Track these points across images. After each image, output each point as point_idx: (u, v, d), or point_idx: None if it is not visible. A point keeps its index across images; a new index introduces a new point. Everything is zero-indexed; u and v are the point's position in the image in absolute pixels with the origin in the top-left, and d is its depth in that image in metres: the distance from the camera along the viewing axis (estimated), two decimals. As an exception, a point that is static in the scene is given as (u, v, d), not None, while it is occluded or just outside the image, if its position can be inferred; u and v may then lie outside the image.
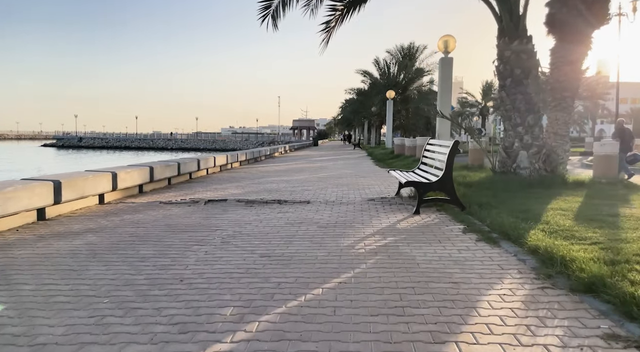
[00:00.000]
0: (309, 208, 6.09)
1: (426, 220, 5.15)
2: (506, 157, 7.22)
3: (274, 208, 6.12)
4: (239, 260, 3.60)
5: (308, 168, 13.94)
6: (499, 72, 7.36)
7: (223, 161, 12.65)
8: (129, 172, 7.09)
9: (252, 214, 5.65)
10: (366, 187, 8.57)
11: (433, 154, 6.41)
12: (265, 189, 8.36)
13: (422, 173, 6.50)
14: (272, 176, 11.33)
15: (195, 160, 10.33)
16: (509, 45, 7.10)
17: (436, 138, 11.38)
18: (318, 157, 21.90)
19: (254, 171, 12.71)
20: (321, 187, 8.70)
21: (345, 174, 11.79)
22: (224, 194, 7.62)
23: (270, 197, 7.23)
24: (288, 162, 17.08)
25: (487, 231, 4.42)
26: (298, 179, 10.46)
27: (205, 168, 11.15)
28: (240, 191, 8.20)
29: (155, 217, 5.43)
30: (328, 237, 4.39)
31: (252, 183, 9.53)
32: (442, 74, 11.13)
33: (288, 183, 9.47)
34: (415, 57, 36.55)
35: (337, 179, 10.23)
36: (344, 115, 62.85)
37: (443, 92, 11.13)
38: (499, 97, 7.42)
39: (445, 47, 11.00)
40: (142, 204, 6.47)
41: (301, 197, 7.26)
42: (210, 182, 9.64)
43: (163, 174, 8.47)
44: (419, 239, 4.25)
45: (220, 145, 77.61)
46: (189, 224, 5.06)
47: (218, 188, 8.62)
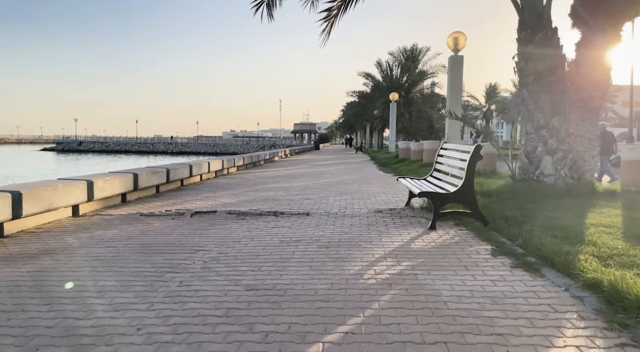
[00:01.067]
0: (309, 222, 5.36)
1: (445, 238, 4.41)
2: (528, 163, 6.48)
3: (268, 222, 5.39)
4: (219, 295, 2.87)
5: (308, 173, 13.22)
6: (520, 69, 6.64)
7: (218, 166, 11.94)
8: (109, 180, 6.37)
9: (243, 230, 4.92)
10: (372, 196, 7.84)
11: (449, 160, 5.68)
12: (261, 198, 7.64)
13: (436, 181, 5.76)
14: (270, 182, 10.61)
15: (186, 166, 9.62)
16: (531, 38, 6.39)
17: (445, 140, 10.67)
18: (319, 161, 21.18)
19: (251, 177, 12.00)
20: (322, 195, 7.97)
21: (348, 180, 11.06)
22: (214, 204, 6.90)
23: (266, 207, 6.51)
24: (288, 167, 16.36)
25: (521, 253, 3.68)
26: (297, 185, 9.75)
27: (198, 174, 10.44)
28: (233, 200, 7.48)
29: (131, 234, 4.70)
30: (330, 261, 3.65)
31: (247, 191, 8.80)
32: (452, 72, 10.42)
33: (286, 191, 8.75)
34: (418, 59, 35.89)
35: (340, 186, 9.51)
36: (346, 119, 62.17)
37: (453, 92, 10.42)
38: (520, 96, 6.69)
39: (455, 44, 10.30)
40: (121, 216, 5.75)
41: (300, 207, 6.53)
42: (202, 190, 8.93)
43: (149, 181, 7.75)
44: (441, 264, 3.51)
45: (221, 149, 77.08)
46: (168, 242, 4.33)
47: (210, 197, 7.90)
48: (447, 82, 10.55)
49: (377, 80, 38.01)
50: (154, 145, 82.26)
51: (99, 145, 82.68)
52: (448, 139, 10.50)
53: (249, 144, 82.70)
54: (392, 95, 24.94)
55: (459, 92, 10.43)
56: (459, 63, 10.36)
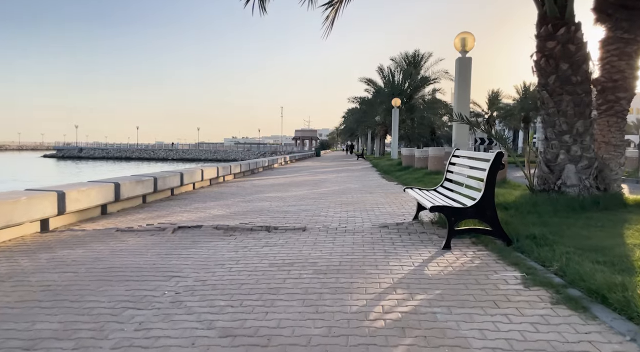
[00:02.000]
0: (305, 238, 4.73)
1: (463, 260, 3.77)
2: (548, 172, 5.85)
3: (259, 238, 4.76)
4: (185, 344, 2.24)
5: (308, 182, 12.60)
6: (540, 68, 6.03)
7: (213, 174, 11.33)
8: (84, 191, 5.75)
9: (229, 249, 4.29)
10: (375, 207, 7.21)
11: (462, 169, 5.05)
12: (255, 209, 7.01)
13: (448, 193, 5.13)
14: (266, 191, 9.99)
15: (177, 174, 9.01)
16: (552, 34, 5.78)
17: (453, 146, 10.05)
18: (320, 168, 20.57)
19: (247, 185, 11.38)
20: (321, 206, 7.34)
21: (350, 189, 10.43)
22: (203, 217, 6.28)
23: (259, 220, 5.88)
24: (287, 175, 15.75)
25: (559, 284, 3.04)
26: (296, 195, 9.12)
27: (190, 182, 9.82)
28: (224, 211, 6.86)
29: (99, 255, 4.08)
30: (328, 292, 3.02)
31: (241, 201, 8.18)
32: (460, 75, 9.82)
33: (283, 201, 8.12)
34: (421, 65, 35.42)
35: (341, 196, 8.88)
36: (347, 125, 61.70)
37: (461, 95, 9.81)
38: (540, 98, 6.07)
39: (463, 45, 9.71)
40: (94, 232, 5.12)
41: (296, 220, 5.91)
42: (193, 200, 8.31)
43: (134, 191, 7.14)
44: (463, 297, 2.87)
45: (222, 156, 76.71)
46: (139, 266, 3.70)
47: (200, 208, 7.27)
48: (454, 85, 9.95)
49: (379, 86, 37.51)
50: (154, 152, 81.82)
51: (99, 152, 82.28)
52: (456, 145, 9.88)
53: (250, 151, 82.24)
54: (395, 100, 24.36)
55: (467, 96, 9.83)
56: (467, 65, 9.77)
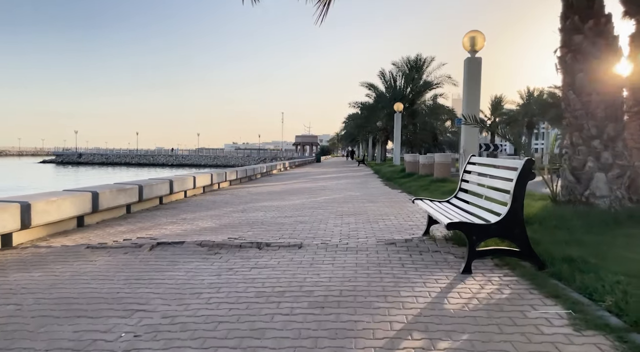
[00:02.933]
0: (300, 258, 4.10)
1: (489, 290, 3.14)
2: (574, 181, 5.22)
3: (248, 258, 4.13)
4: None
5: (307, 189, 11.97)
6: (564, 65, 5.42)
7: (206, 181, 10.71)
8: (54, 202, 5.13)
9: (212, 272, 3.67)
10: (379, 218, 6.57)
11: (481, 178, 4.44)
12: (248, 221, 6.39)
13: (464, 206, 4.51)
14: (262, 199, 9.37)
15: (165, 182, 8.39)
16: (580, 27, 5.18)
17: (461, 153, 9.43)
18: (320, 175, 19.95)
19: (243, 193, 10.76)
20: (320, 217, 6.72)
21: (351, 197, 9.81)
22: (188, 230, 5.65)
23: (250, 234, 5.26)
24: (285, 181, 15.13)
25: (620, 327, 2.40)
26: (293, 204, 8.49)
27: (181, 190, 9.21)
28: (214, 223, 6.23)
29: (57, 280, 3.45)
30: (327, 336, 2.39)
31: (234, 211, 7.55)
32: (469, 76, 9.22)
33: (279, 211, 7.49)
34: (423, 70, 34.87)
35: (342, 205, 8.25)
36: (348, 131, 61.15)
37: (470, 97, 9.20)
38: (564, 99, 5.47)
39: (472, 45, 9.11)
40: (62, 249, 4.50)
41: (292, 234, 5.28)
42: (182, 209, 7.68)
43: (115, 200, 6.52)
44: (500, 347, 2.24)
45: (221, 162, 76.18)
46: (100, 296, 3.08)
47: (187, 219, 6.65)
48: (463, 87, 9.35)
49: (380, 91, 36.98)
50: (154, 158, 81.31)
51: (99, 158, 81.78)
52: (465, 151, 9.26)
53: (250, 157, 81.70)
54: (397, 105, 23.78)
55: (477, 98, 9.22)
56: (476, 66, 9.16)
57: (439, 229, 5.12)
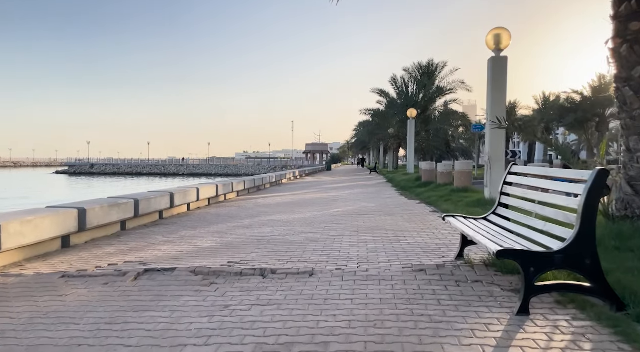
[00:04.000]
0: (311, 290, 3.39)
1: (562, 343, 2.38)
2: (632, 193, 4.44)
3: (249, 290, 3.43)
4: None
5: (318, 200, 11.27)
6: (619, 58, 4.67)
7: (211, 193, 10.08)
8: (31, 222, 4.51)
9: (203, 311, 2.97)
10: (400, 235, 5.84)
11: (529, 192, 3.69)
12: (253, 238, 5.71)
13: (507, 224, 3.76)
14: (271, 212, 8.69)
15: (165, 195, 7.76)
16: (638, 13, 4.46)
17: (486, 160, 8.66)
18: (331, 184, 19.25)
19: (250, 205, 10.10)
20: (334, 234, 6.01)
21: (366, 209, 9.08)
22: (185, 251, 4.99)
23: (255, 256, 4.57)
24: (296, 191, 14.45)
25: None
26: (303, 218, 7.80)
27: (184, 203, 8.58)
28: (214, 242, 5.56)
29: (8, 325, 2.79)
30: None
31: (239, 226, 6.88)
32: (494, 76, 8.49)
33: (288, 226, 6.80)
34: (435, 75, 34.10)
35: (357, 219, 7.53)
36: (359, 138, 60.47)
37: (495, 99, 8.48)
38: (618, 97, 4.71)
39: (497, 43, 8.40)
40: (33, 278, 3.85)
41: (302, 257, 4.58)
42: (183, 225, 7.04)
43: (107, 217, 5.89)
44: None
45: (232, 171, 76.06)
46: (55, 350, 2.40)
47: (186, 237, 5.99)
48: (487, 88, 8.61)
49: (392, 97, 36.24)
50: (165, 168, 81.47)
51: (110, 168, 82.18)
52: (490, 158, 8.49)
53: (261, 165, 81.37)
54: (410, 111, 23.01)
55: (503, 99, 8.47)
56: (502, 65, 8.43)
57: (476, 251, 4.37)
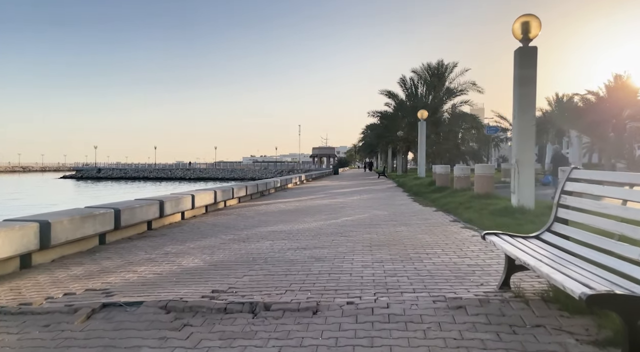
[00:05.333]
0: (315, 338, 2.51)
1: None
2: None
3: (232, 337, 2.56)
4: None
5: (325, 207, 10.39)
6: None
7: (208, 200, 9.24)
8: (-29, 240, 3.68)
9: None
10: (422, 252, 4.94)
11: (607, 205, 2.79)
12: (248, 256, 4.85)
13: (570, 246, 2.86)
14: (272, 221, 7.83)
15: (154, 203, 6.93)
16: None
17: (513, 164, 7.73)
18: (338, 188, 18.35)
19: (251, 213, 9.25)
20: (343, 250, 5.12)
21: (378, 218, 8.18)
22: (163, 274, 4.14)
23: (246, 280, 3.71)
24: (301, 197, 13.59)
25: None
26: (308, 228, 6.93)
27: (176, 212, 7.75)
28: (202, 260, 4.71)
29: None
30: None
31: (234, 239, 6.03)
32: (522, 69, 7.57)
33: (290, 239, 5.94)
34: (445, 77, 33.16)
35: (368, 230, 6.64)
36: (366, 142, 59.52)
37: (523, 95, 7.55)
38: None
39: (525, 32, 7.49)
40: (-41, 315, 3.01)
41: (304, 283, 3.71)
42: (171, 238, 6.21)
43: (78, 231, 5.06)
44: None
45: (238, 175, 75.54)
46: None
47: (171, 253, 5.15)
48: (514, 82, 7.70)
49: (401, 99, 35.34)
50: (172, 172, 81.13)
51: (117, 172, 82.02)
52: (518, 161, 7.56)
53: (267, 169, 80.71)
54: (421, 112, 22.06)
55: (532, 95, 7.55)
56: (530, 56, 7.50)
57: (524, 276, 3.46)
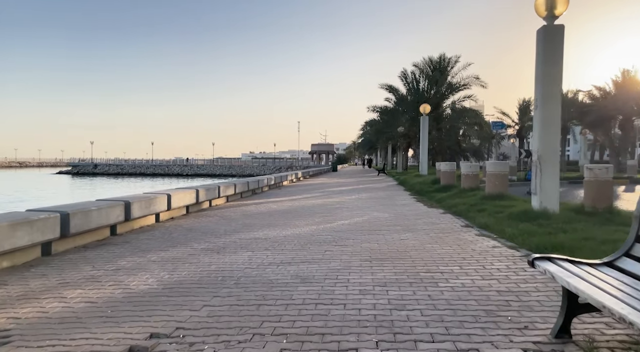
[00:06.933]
0: None
1: None
2: None
3: None
4: None
5: (319, 208, 9.40)
6: None
7: (189, 199, 8.24)
8: None
9: None
10: (435, 270, 3.95)
11: None
12: (217, 275, 3.86)
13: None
14: (258, 225, 6.85)
15: (118, 205, 5.93)
16: None
17: (535, 160, 6.73)
18: (336, 186, 17.35)
19: (236, 215, 8.26)
20: (337, 266, 4.13)
21: (378, 221, 7.19)
22: (99, 302, 3.15)
23: (202, 318, 2.73)
24: (295, 196, 12.59)
25: None
26: (298, 234, 5.94)
27: (148, 214, 6.75)
28: (158, 280, 3.72)
29: None
30: None
31: (206, 250, 5.04)
32: (546, 51, 6.55)
33: (274, 249, 4.95)
34: (447, 71, 32.07)
35: (367, 237, 5.65)
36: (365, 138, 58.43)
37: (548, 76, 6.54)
38: None
39: (550, 8, 6.47)
40: None
41: (281, 320, 2.72)
42: (134, 246, 5.22)
43: (6, 242, 4.06)
44: None
45: (236, 171, 74.56)
46: None
47: (123, 268, 4.16)
48: (536, 66, 6.68)
49: (402, 93, 34.25)
50: (169, 168, 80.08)
51: (114, 168, 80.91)
52: (540, 156, 6.56)
53: (266, 166, 79.67)
54: (424, 107, 21.00)
55: (558, 79, 6.53)
56: (556, 36, 6.48)
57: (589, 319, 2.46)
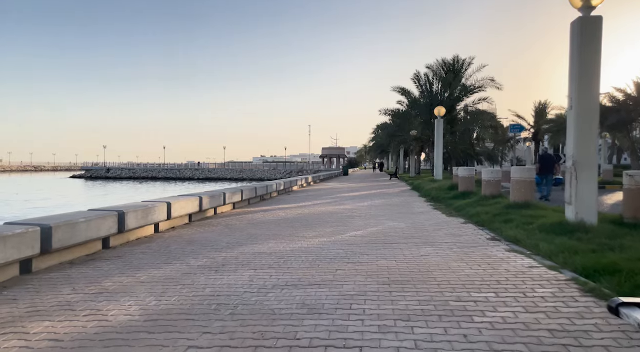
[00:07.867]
0: None
1: None
2: None
3: None
4: None
5: (330, 216, 8.83)
6: None
7: (191, 208, 7.73)
8: None
9: None
10: (467, 299, 3.35)
11: None
12: (210, 303, 3.31)
13: None
14: (263, 237, 6.30)
15: (110, 216, 5.43)
16: None
17: (569, 166, 6.06)
18: (347, 192, 16.75)
19: (242, 224, 7.73)
20: (350, 290, 3.55)
21: (395, 232, 6.58)
22: (66, 339, 2.61)
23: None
24: (304, 202, 12.04)
25: None
26: (306, 249, 5.38)
27: (145, 224, 6.26)
28: (142, 308, 3.18)
29: None
30: None
31: (203, 268, 4.50)
32: (583, 44, 5.91)
33: (279, 267, 4.38)
34: (462, 73, 31.31)
35: (383, 253, 5.05)
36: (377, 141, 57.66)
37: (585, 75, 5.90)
38: None
39: (585, -2, 5.83)
40: None
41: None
42: (126, 262, 4.71)
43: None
44: None
45: (247, 175, 74.49)
46: None
47: (106, 291, 3.64)
48: (570, 61, 6.03)
49: (414, 96, 33.51)
50: (180, 172, 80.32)
51: (126, 172, 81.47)
52: (576, 161, 5.89)
53: (276, 170, 79.41)
54: (439, 109, 20.32)
55: (596, 75, 5.87)
56: (594, 28, 5.84)
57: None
